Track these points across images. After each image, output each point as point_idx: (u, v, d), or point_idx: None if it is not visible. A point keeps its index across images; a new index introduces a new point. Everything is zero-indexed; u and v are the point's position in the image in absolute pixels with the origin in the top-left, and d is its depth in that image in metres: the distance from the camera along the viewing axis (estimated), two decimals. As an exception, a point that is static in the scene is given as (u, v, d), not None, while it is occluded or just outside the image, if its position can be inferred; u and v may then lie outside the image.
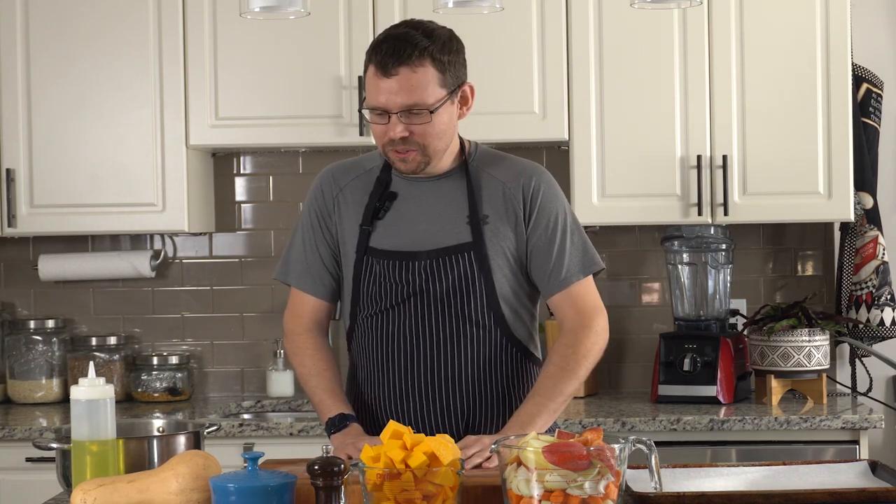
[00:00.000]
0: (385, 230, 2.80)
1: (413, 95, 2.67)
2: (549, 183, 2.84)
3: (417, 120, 2.69)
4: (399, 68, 2.67)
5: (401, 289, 2.77)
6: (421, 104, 2.68)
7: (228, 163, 4.66)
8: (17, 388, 4.51)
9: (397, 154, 2.73)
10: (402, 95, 2.67)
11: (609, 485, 2.08)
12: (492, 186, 2.81)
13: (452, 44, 2.75)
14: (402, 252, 2.77)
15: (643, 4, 2.74)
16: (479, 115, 4.18)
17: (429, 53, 2.69)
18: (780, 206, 4.20)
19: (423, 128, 2.69)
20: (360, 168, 2.89)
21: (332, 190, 2.87)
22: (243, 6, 2.74)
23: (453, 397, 2.78)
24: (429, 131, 2.70)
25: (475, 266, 2.76)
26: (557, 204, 2.83)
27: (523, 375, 2.84)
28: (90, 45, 4.27)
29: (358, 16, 4.21)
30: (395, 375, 2.79)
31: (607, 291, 4.58)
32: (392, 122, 2.69)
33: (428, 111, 2.68)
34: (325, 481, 2.15)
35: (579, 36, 4.21)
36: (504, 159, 2.88)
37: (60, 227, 4.32)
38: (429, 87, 2.69)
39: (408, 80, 2.67)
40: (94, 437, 2.26)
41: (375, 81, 2.69)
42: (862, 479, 2.48)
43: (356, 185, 2.86)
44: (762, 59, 4.18)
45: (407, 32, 2.71)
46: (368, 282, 2.79)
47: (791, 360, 4.13)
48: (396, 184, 2.83)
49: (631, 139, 4.20)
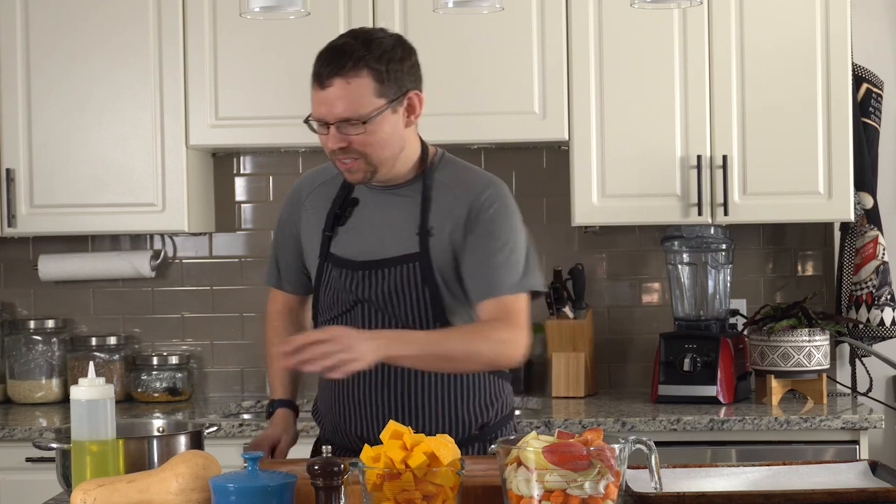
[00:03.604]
0: (345, 237, 2.82)
1: (347, 106, 2.66)
2: (502, 199, 2.79)
3: (353, 131, 2.68)
4: (333, 79, 2.66)
5: (348, 296, 2.79)
6: (354, 116, 2.66)
7: (228, 163, 4.66)
8: (17, 388, 4.51)
9: (342, 164, 2.74)
10: (336, 106, 2.66)
11: (609, 485, 2.08)
12: (444, 198, 2.78)
13: (395, 51, 2.71)
14: (349, 260, 2.79)
15: (643, 4, 2.74)
16: (479, 115, 4.23)
17: (365, 63, 2.66)
18: (780, 206, 4.20)
19: (360, 138, 2.68)
20: (328, 174, 2.91)
21: (301, 195, 2.92)
22: (243, 6, 2.74)
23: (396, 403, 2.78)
24: (368, 141, 2.69)
25: (419, 277, 2.74)
26: (505, 219, 2.78)
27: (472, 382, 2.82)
28: (90, 44, 4.27)
29: (358, 16, 4.21)
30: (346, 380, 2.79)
31: (607, 291, 4.60)
32: (331, 133, 2.70)
33: (361, 121, 2.67)
34: (325, 481, 2.15)
35: (579, 36, 4.21)
36: (462, 170, 2.84)
37: (60, 227, 4.33)
38: (363, 97, 2.66)
39: (342, 90, 2.66)
40: (94, 437, 2.26)
41: (314, 93, 2.70)
42: (862, 479, 2.48)
43: (321, 191, 2.89)
44: (762, 59, 4.18)
45: (346, 42, 2.70)
46: (325, 288, 2.83)
47: (791, 360, 4.13)
48: (359, 190, 2.84)
49: (631, 139, 4.20)
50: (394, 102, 2.70)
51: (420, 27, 4.18)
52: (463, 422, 2.81)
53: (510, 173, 4.60)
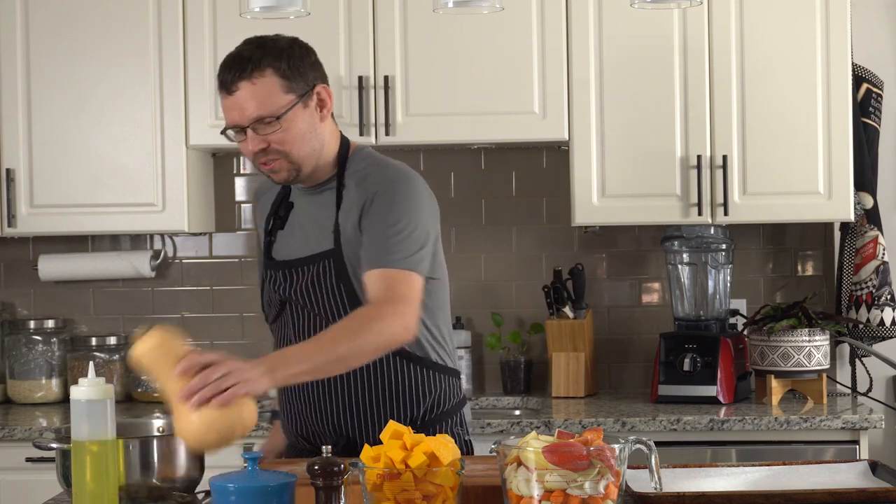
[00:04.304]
0: (281, 240, 2.87)
1: (258, 105, 2.68)
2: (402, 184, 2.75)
3: (269, 129, 2.70)
4: (239, 83, 2.68)
5: (276, 297, 2.84)
6: (266, 114, 2.69)
7: (228, 163, 4.66)
8: (17, 388, 4.51)
9: (265, 167, 2.76)
10: (247, 108, 2.69)
11: (609, 485, 2.08)
12: (352, 193, 2.77)
13: (293, 49, 2.74)
14: (281, 261, 2.83)
15: (643, 4, 2.74)
16: (479, 115, 4.23)
17: (266, 63, 2.69)
18: (780, 206, 4.20)
19: (277, 136, 2.70)
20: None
21: (257, 198, 3.01)
22: (243, 6, 2.74)
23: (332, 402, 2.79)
24: (286, 139, 2.71)
25: (333, 273, 2.75)
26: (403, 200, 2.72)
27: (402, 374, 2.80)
28: (90, 45, 4.27)
29: (358, 16, 4.21)
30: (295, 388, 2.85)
31: (607, 291, 4.60)
32: (249, 137, 2.72)
33: (275, 118, 2.69)
34: (325, 481, 2.15)
35: (579, 36, 4.21)
36: (374, 164, 2.82)
37: (60, 227, 4.32)
38: (272, 95, 2.69)
39: (249, 92, 2.68)
40: (94, 437, 2.26)
41: (223, 101, 2.72)
42: (862, 479, 2.48)
43: (269, 195, 2.95)
44: (762, 59, 4.18)
45: (242, 49, 2.73)
46: (267, 290, 2.89)
47: (791, 360, 4.13)
48: (294, 194, 2.88)
49: (631, 139, 4.20)
50: (303, 97, 2.72)
51: (420, 27, 4.19)
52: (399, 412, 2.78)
53: (510, 173, 4.60)
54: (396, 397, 2.79)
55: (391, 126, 4.20)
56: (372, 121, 4.21)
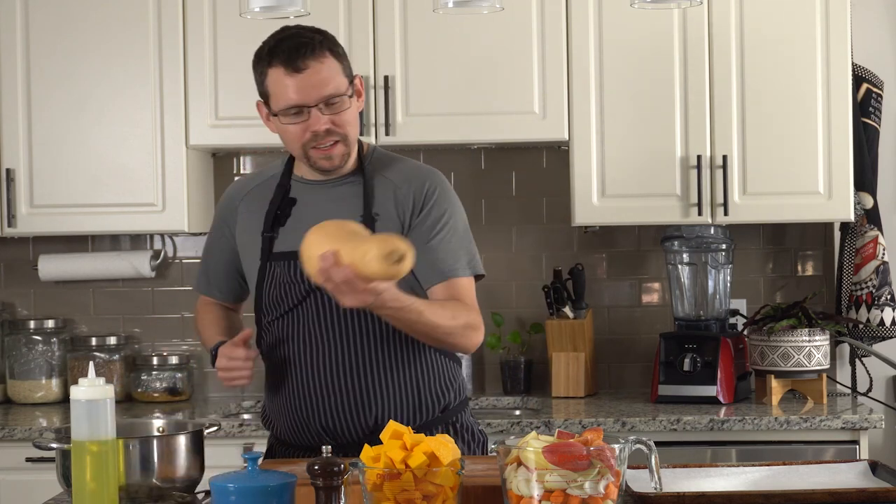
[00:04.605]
0: (285, 235, 2.84)
1: (329, 85, 2.73)
2: (442, 186, 2.86)
3: (337, 108, 2.74)
4: (307, 62, 2.72)
5: (299, 287, 2.79)
6: (337, 92, 2.73)
7: (228, 163, 4.66)
8: (17, 388, 4.51)
9: (321, 151, 2.77)
10: (318, 87, 2.72)
11: (609, 485, 2.08)
12: (385, 186, 2.83)
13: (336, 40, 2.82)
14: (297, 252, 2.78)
15: (643, 4, 2.74)
16: (479, 115, 4.23)
17: (326, 46, 2.76)
18: (780, 206, 4.20)
19: (342, 116, 2.75)
20: (263, 176, 2.95)
21: (235, 200, 2.95)
22: (243, 6, 2.74)
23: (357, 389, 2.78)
24: (347, 120, 2.76)
25: None
26: (448, 205, 2.85)
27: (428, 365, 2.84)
28: (90, 44, 4.27)
29: (358, 16, 4.21)
30: (304, 374, 2.80)
31: (607, 291, 4.60)
32: (313, 117, 2.73)
33: (346, 96, 2.75)
34: (325, 481, 2.15)
35: (579, 36, 4.21)
36: (399, 162, 2.90)
37: (60, 227, 4.33)
38: (338, 76, 2.76)
39: (318, 72, 2.72)
40: (94, 437, 2.26)
41: (286, 81, 2.73)
42: (862, 479, 2.48)
43: (256, 193, 2.92)
44: (762, 58, 4.18)
45: (298, 32, 2.77)
46: (270, 286, 2.83)
47: (791, 360, 4.13)
48: (296, 189, 2.87)
49: (631, 139, 4.20)
50: (352, 83, 2.79)
51: (420, 27, 4.19)
52: (425, 405, 2.82)
53: (510, 173, 4.60)
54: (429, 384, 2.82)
55: (391, 126, 4.20)
56: (372, 121, 4.21)
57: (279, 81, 2.73)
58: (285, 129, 2.77)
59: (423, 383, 2.83)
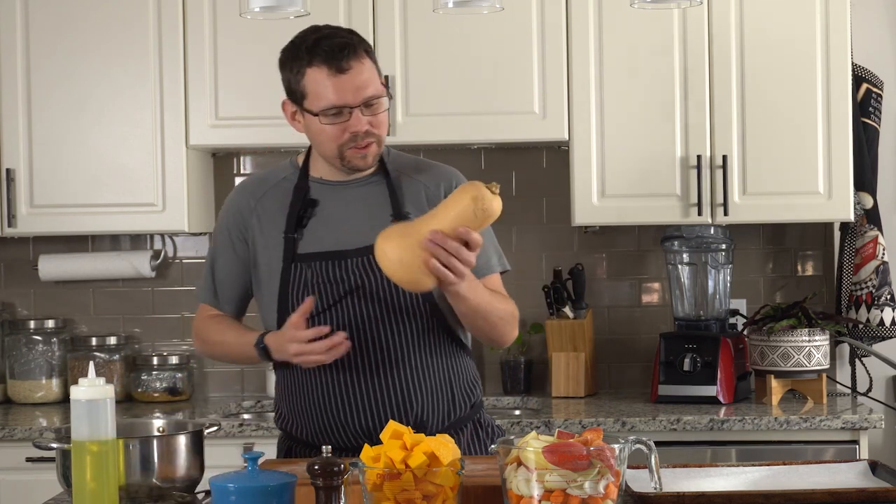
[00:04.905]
0: (309, 236, 2.82)
1: (370, 86, 2.74)
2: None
3: (375, 109, 2.75)
4: (351, 62, 2.72)
5: (334, 288, 2.77)
6: (376, 93, 2.74)
7: (228, 163, 4.66)
8: (17, 388, 4.51)
9: (358, 150, 2.76)
10: (361, 89, 2.72)
11: (609, 485, 2.08)
12: (412, 187, 2.85)
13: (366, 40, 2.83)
14: (330, 252, 2.78)
15: (643, 4, 2.74)
16: (479, 115, 4.23)
17: (362, 46, 2.77)
18: (780, 206, 4.20)
19: (379, 117, 2.76)
20: (274, 178, 2.92)
21: (250, 202, 2.89)
22: (243, 6, 2.74)
23: (399, 390, 2.78)
24: (383, 121, 2.78)
25: None
26: None
27: (458, 364, 2.86)
28: (90, 44, 4.27)
29: (358, 16, 4.21)
30: (341, 376, 2.78)
31: (607, 291, 4.60)
32: (354, 118, 2.73)
33: (387, 98, 2.76)
34: (325, 481, 2.15)
35: (579, 36, 4.21)
36: (422, 163, 2.93)
37: (60, 227, 4.32)
38: (376, 77, 2.77)
39: (360, 72, 2.73)
40: (94, 437, 2.26)
41: (328, 82, 2.72)
42: (862, 479, 2.48)
43: (272, 195, 2.88)
44: (762, 59, 4.18)
45: (335, 31, 2.77)
46: (298, 287, 2.79)
47: (791, 360, 4.13)
48: (316, 191, 2.86)
49: (631, 139, 4.20)
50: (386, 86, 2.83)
51: (420, 27, 4.19)
52: (458, 403, 2.85)
53: (510, 173, 4.60)
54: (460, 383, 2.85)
55: (391, 126, 4.20)
56: (372, 121, 4.20)
57: (321, 81, 2.72)
58: (322, 129, 2.75)
59: (455, 382, 2.85)
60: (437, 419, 2.81)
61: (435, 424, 2.81)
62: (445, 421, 2.82)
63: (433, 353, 2.81)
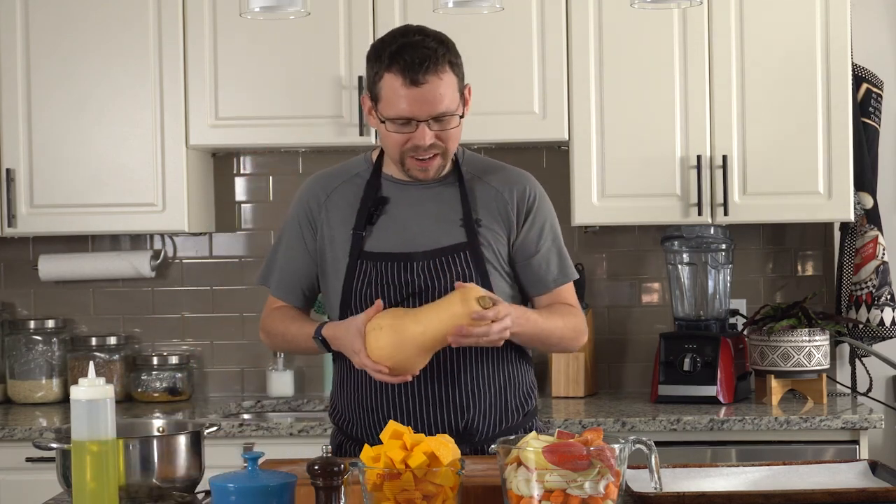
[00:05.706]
0: (377, 234, 2.81)
1: (442, 102, 2.71)
2: (541, 192, 2.92)
3: (445, 125, 2.73)
4: (428, 77, 2.69)
5: (398, 290, 2.77)
6: (448, 110, 2.72)
7: (228, 163, 4.66)
8: (17, 388, 4.51)
9: (419, 162, 2.76)
10: (432, 104, 2.70)
11: (609, 485, 2.08)
12: (485, 191, 2.85)
13: (455, 47, 2.79)
14: (397, 253, 2.78)
15: (643, 4, 2.74)
16: (479, 116, 4.21)
17: (447, 60, 2.73)
18: (780, 206, 4.20)
19: (448, 132, 2.74)
20: (347, 173, 2.91)
21: (321, 196, 2.88)
22: (243, 6, 2.74)
23: (453, 395, 2.78)
24: (452, 135, 2.76)
25: (471, 265, 2.78)
26: (548, 212, 2.92)
27: (517, 372, 2.88)
28: (90, 44, 4.27)
29: (358, 16, 4.21)
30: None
31: (607, 291, 4.60)
32: (420, 131, 2.72)
33: (458, 116, 2.74)
34: (325, 481, 2.15)
35: (579, 36, 4.21)
36: (495, 166, 2.92)
37: (60, 227, 4.32)
38: (454, 92, 2.74)
39: (436, 88, 2.70)
40: (94, 437, 2.26)
41: (402, 91, 2.70)
42: (862, 479, 2.48)
43: (344, 189, 2.88)
44: (762, 58, 4.18)
45: (422, 40, 2.73)
46: (363, 285, 2.79)
47: (791, 360, 4.13)
48: (387, 188, 2.85)
49: (631, 139, 4.20)
50: (463, 95, 2.78)
51: (420, 27, 4.18)
52: (510, 410, 2.85)
53: (510, 173, 4.59)
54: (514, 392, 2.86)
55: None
56: (372, 121, 4.20)
57: (394, 90, 2.71)
58: (388, 133, 2.75)
59: (511, 390, 2.85)
60: (488, 426, 2.81)
61: (486, 431, 2.81)
62: (497, 428, 2.81)
63: (491, 361, 2.82)
